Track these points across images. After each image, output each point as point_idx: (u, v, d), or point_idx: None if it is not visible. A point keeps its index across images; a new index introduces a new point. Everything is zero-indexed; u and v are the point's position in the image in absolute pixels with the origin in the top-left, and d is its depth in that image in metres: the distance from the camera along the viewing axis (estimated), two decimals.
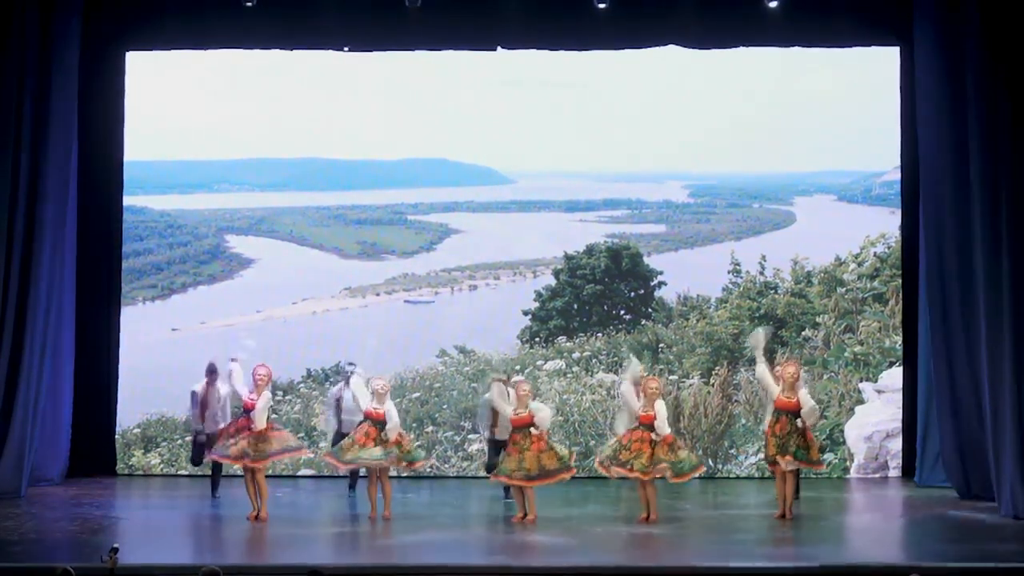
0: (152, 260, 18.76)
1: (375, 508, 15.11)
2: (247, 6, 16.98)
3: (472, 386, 18.00)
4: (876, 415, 17.96)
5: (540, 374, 18.25)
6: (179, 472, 17.76)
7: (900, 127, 17.79)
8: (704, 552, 13.78)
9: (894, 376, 17.98)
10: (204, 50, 18.13)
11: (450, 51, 18.04)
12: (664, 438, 14.76)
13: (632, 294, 18.86)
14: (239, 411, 15.28)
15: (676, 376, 18.18)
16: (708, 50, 17.87)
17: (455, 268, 19.02)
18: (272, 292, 18.76)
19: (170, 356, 17.42)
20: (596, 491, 16.66)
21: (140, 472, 18.05)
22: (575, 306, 18.76)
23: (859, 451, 17.93)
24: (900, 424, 17.80)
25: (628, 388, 15.00)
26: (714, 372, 18.18)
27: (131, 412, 18.05)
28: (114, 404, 17.94)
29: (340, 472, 16.08)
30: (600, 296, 18.77)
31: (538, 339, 18.61)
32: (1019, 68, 15.53)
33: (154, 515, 15.90)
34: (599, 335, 18.63)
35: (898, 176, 18.11)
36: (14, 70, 16.28)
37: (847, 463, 17.93)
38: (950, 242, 16.42)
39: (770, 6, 17.10)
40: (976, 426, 16.10)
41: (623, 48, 17.89)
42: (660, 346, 18.44)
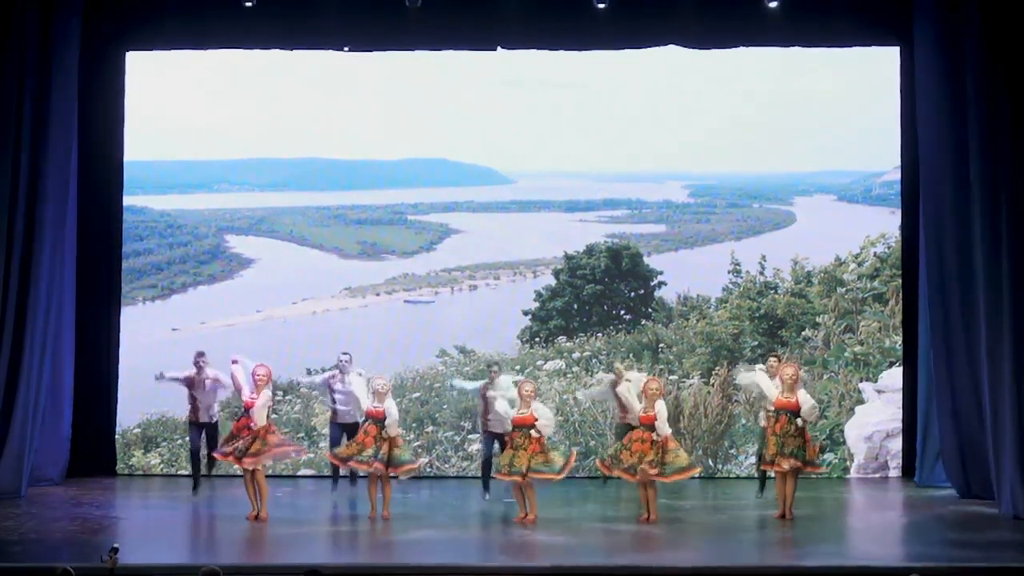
0: (152, 260, 18.76)
1: (375, 508, 15.12)
2: (247, 6, 17.01)
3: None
4: (876, 415, 17.96)
5: (540, 374, 18.25)
6: (179, 472, 17.74)
7: (900, 127, 17.79)
8: (704, 552, 13.78)
9: (894, 376, 17.98)
10: (204, 50, 18.12)
11: (450, 51, 18.03)
12: (664, 439, 14.78)
13: (632, 294, 18.86)
14: (240, 411, 15.30)
15: (676, 376, 18.18)
16: (708, 50, 17.86)
17: (455, 268, 19.01)
18: (272, 292, 18.75)
19: (170, 356, 17.37)
20: (596, 491, 16.66)
21: (140, 472, 18.06)
22: (575, 306, 18.75)
23: (859, 451, 17.92)
24: (900, 424, 17.80)
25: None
26: (714, 372, 18.18)
27: (131, 412, 18.04)
28: (114, 404, 17.94)
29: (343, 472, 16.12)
30: (600, 296, 18.76)
31: (538, 339, 18.61)
32: (1019, 68, 15.53)
33: (154, 515, 15.89)
34: (599, 335, 18.63)
35: (898, 176, 18.11)
36: (14, 70, 16.28)
37: (847, 463, 17.93)
38: (950, 242, 16.42)
39: (770, 6, 17.10)
40: (976, 426, 16.11)
41: (623, 48, 17.89)
42: (660, 346, 18.43)
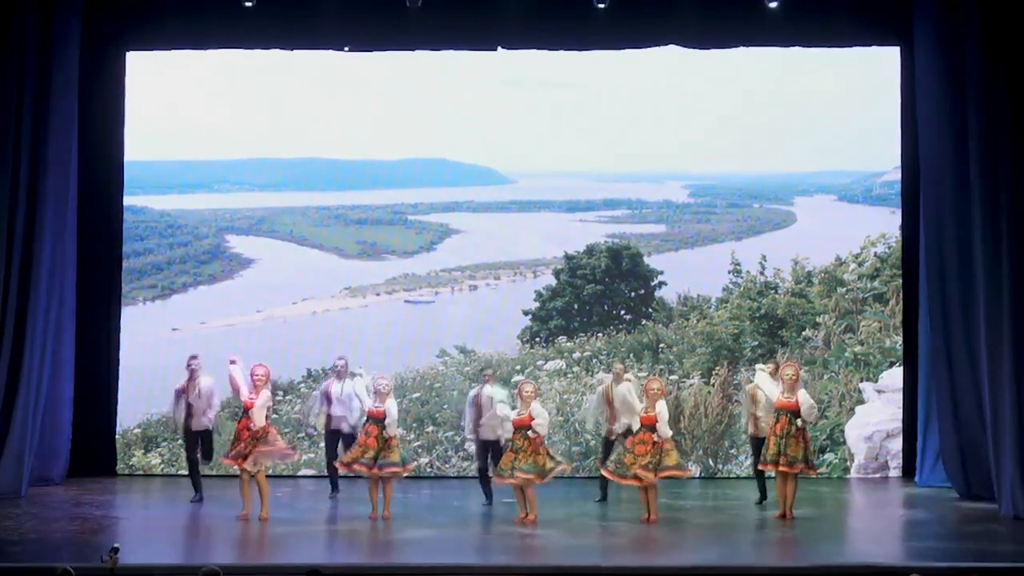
0: (152, 260, 18.76)
1: (375, 508, 15.11)
2: (247, 6, 17.02)
3: (472, 385, 17.99)
4: (876, 415, 17.96)
5: (540, 374, 18.25)
6: (179, 472, 17.71)
7: (900, 127, 17.79)
8: (704, 552, 13.77)
9: (894, 376, 17.98)
10: (204, 50, 18.13)
11: (450, 51, 18.04)
12: (663, 440, 14.79)
13: (632, 294, 18.86)
14: (240, 412, 15.27)
15: (676, 376, 18.18)
16: (708, 50, 17.87)
17: (455, 268, 19.01)
18: (272, 292, 18.76)
19: (170, 356, 17.39)
20: (596, 491, 16.63)
21: (140, 472, 18.06)
22: (575, 306, 18.75)
23: (859, 451, 17.92)
24: (900, 424, 17.80)
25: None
26: (714, 372, 18.18)
27: (131, 412, 18.05)
28: (114, 404, 17.95)
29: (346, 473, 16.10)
30: (600, 296, 18.76)
31: (538, 339, 18.61)
32: (1019, 68, 15.53)
33: (154, 515, 15.89)
34: (599, 335, 18.63)
35: (898, 176, 18.11)
36: (14, 70, 16.29)
37: (847, 463, 17.92)
38: (950, 242, 16.42)
39: (770, 6, 17.10)
40: (976, 426, 16.10)
41: (623, 48, 17.89)
42: (660, 346, 18.43)
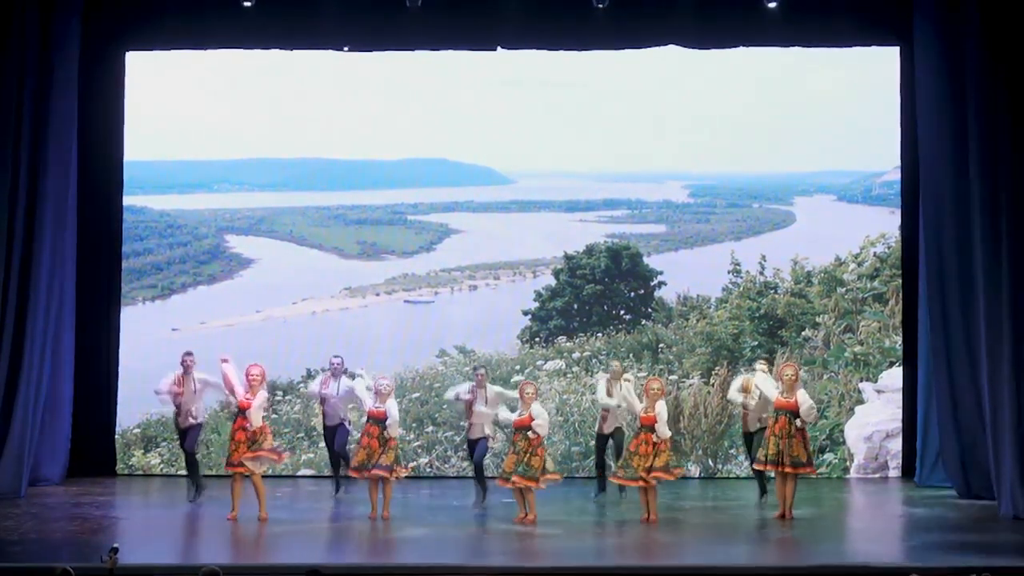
0: (152, 260, 18.76)
1: (375, 508, 15.11)
2: (246, 6, 17.00)
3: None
4: (876, 415, 17.95)
5: (540, 374, 18.24)
6: (179, 472, 17.71)
7: (900, 127, 17.79)
8: (704, 552, 13.77)
9: (894, 376, 17.97)
10: (204, 50, 18.12)
11: (450, 51, 18.03)
12: (661, 441, 14.78)
13: (632, 294, 18.86)
14: (236, 412, 15.25)
15: (676, 376, 18.18)
16: (708, 50, 17.87)
17: (455, 268, 19.01)
18: (272, 292, 18.75)
19: (170, 356, 17.33)
20: (596, 491, 16.64)
21: (140, 472, 18.05)
22: (575, 306, 18.75)
23: (859, 451, 17.92)
24: (900, 424, 17.79)
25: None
26: (714, 372, 18.17)
27: (131, 412, 18.04)
28: (114, 404, 17.94)
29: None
30: (600, 296, 18.76)
31: (538, 339, 18.60)
32: (1019, 68, 15.53)
33: (154, 515, 15.89)
34: (599, 335, 18.62)
35: (898, 176, 18.11)
36: (14, 70, 16.28)
37: (847, 463, 17.92)
38: (950, 242, 16.42)
39: (769, 6, 17.09)
40: (976, 426, 16.10)
41: (623, 48, 17.88)
42: (660, 346, 18.42)
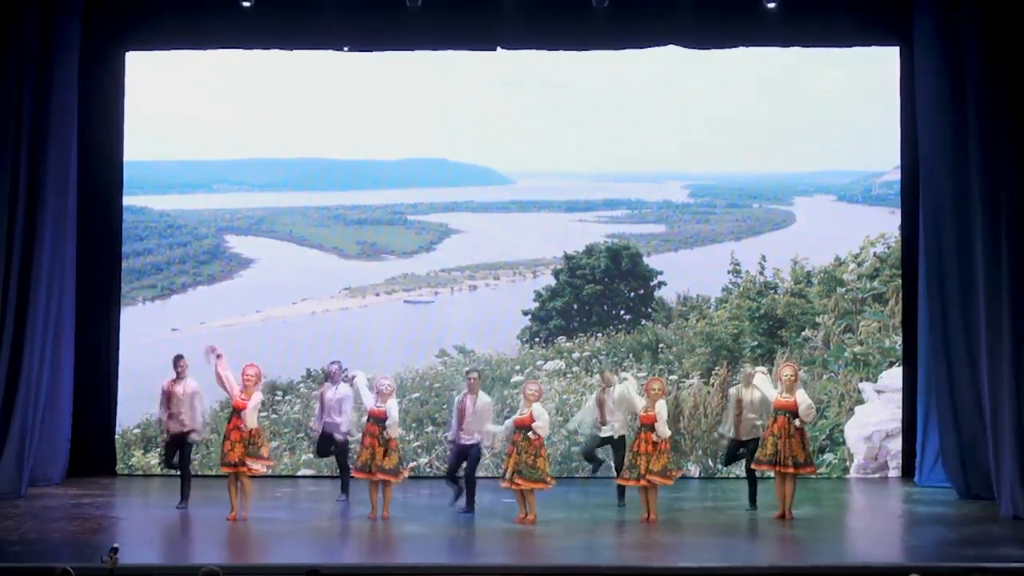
0: (152, 260, 18.76)
1: (375, 508, 15.11)
2: (245, 6, 16.99)
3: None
4: (876, 415, 17.95)
5: (540, 374, 18.23)
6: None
7: (900, 127, 17.79)
8: (704, 552, 13.77)
9: (894, 376, 17.97)
10: (204, 50, 18.12)
11: (450, 51, 18.03)
12: (661, 441, 14.78)
13: (632, 294, 18.85)
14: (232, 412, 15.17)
15: (676, 376, 18.17)
16: (708, 50, 17.86)
17: (455, 268, 19.01)
18: (272, 292, 18.75)
19: (170, 356, 17.32)
20: (596, 491, 16.65)
21: (140, 472, 18.05)
22: (575, 306, 18.75)
23: (859, 451, 17.91)
24: (900, 424, 17.79)
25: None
26: (714, 372, 18.16)
27: (131, 412, 18.03)
28: (114, 404, 17.94)
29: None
30: (600, 296, 18.76)
31: (538, 339, 18.60)
32: (1019, 68, 15.54)
33: (154, 515, 15.88)
34: (599, 335, 18.62)
35: (898, 176, 18.11)
36: (14, 70, 16.28)
37: (847, 463, 17.91)
38: (950, 242, 16.43)
39: (769, 6, 17.08)
40: (976, 426, 16.10)
41: (623, 48, 17.88)
42: (660, 346, 18.42)
